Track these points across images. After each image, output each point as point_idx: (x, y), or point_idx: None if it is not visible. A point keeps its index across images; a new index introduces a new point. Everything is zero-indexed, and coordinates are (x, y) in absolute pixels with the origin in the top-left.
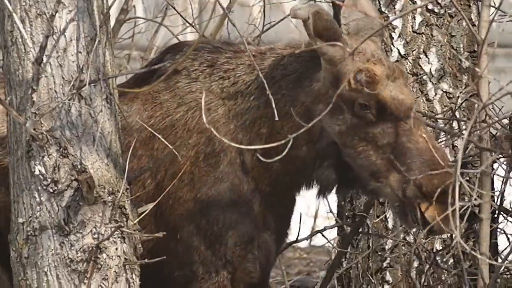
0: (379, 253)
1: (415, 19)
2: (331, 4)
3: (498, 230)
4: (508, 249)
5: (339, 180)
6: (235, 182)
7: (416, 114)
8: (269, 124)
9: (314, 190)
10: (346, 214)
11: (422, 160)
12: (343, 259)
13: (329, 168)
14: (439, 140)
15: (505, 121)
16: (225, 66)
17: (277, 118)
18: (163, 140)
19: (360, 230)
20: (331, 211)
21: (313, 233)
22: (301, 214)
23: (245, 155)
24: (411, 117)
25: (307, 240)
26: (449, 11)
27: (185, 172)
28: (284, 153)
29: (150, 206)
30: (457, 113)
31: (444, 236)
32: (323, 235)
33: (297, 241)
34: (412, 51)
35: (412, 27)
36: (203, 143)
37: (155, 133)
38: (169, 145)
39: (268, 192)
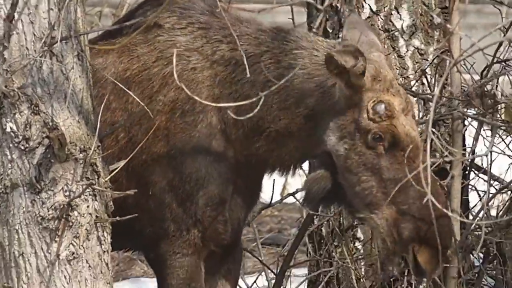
0: None
1: None
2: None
3: (470, 186)
4: (479, 206)
5: (329, 193)
6: (212, 145)
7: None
8: (262, 107)
9: None
10: None
11: (425, 204)
12: (315, 217)
13: (324, 180)
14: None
15: (476, 77)
16: (223, 31)
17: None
18: (132, 95)
19: None
20: (302, 169)
21: (285, 196)
22: None
23: (229, 125)
24: (420, 153)
25: (280, 203)
26: None
27: (159, 128)
28: (256, 111)
29: (121, 163)
30: (428, 70)
31: None
32: (294, 198)
33: (270, 205)
34: (384, 7)
35: None
36: (182, 100)
37: (125, 88)
38: (140, 101)
39: (244, 163)
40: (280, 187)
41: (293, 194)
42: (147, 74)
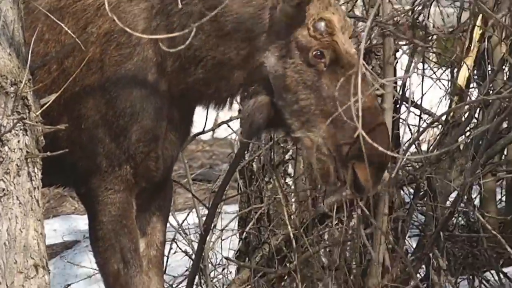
0: (282, 145)
1: None
2: None
3: (400, 120)
4: (410, 140)
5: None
6: (148, 79)
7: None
8: (200, 35)
9: None
10: None
11: (363, 121)
12: (246, 152)
13: (266, 107)
14: None
15: (408, 7)
16: None
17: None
18: (64, 27)
19: None
20: (236, 101)
21: (218, 124)
22: None
23: (165, 57)
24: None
25: (212, 131)
26: None
27: (94, 60)
28: (188, 42)
29: (53, 96)
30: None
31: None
32: (228, 126)
33: (203, 132)
34: None
35: None
36: (117, 32)
37: (56, 20)
38: (71, 33)
39: (179, 97)
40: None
41: (227, 122)
42: (82, 4)
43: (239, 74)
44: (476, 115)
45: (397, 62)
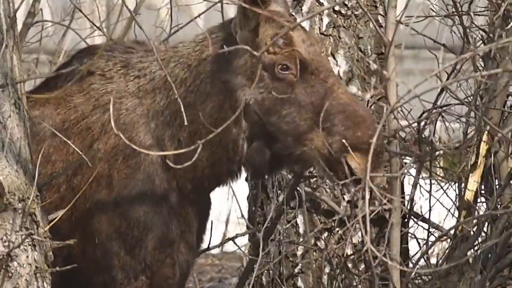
0: (291, 259)
1: (322, 21)
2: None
3: (409, 234)
4: (419, 254)
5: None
6: (157, 182)
7: (335, 75)
8: (191, 111)
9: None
10: (257, 220)
11: (345, 115)
12: (255, 266)
13: (261, 149)
14: None
15: (414, 124)
16: (139, 64)
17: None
18: (72, 145)
19: (271, 236)
20: (242, 217)
21: (225, 241)
22: (212, 221)
23: (167, 147)
24: (331, 75)
25: (219, 247)
26: (356, 13)
27: (102, 175)
28: (194, 158)
29: (61, 212)
30: None
31: (355, 241)
32: (234, 243)
33: (208, 248)
34: None
35: (320, 29)
36: (122, 144)
37: (64, 138)
38: (78, 151)
39: (191, 189)
40: (220, 235)
41: (233, 238)
42: (86, 123)
43: (237, 128)
44: (485, 229)
45: (404, 177)
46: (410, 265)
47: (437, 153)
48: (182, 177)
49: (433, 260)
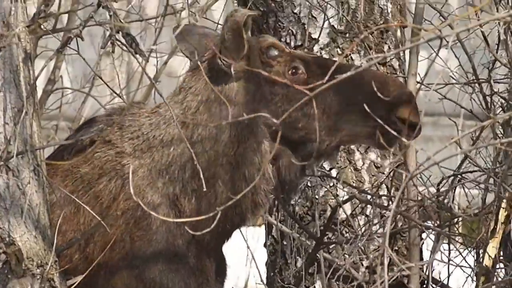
0: None
1: None
2: None
3: None
4: None
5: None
6: (170, 240)
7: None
8: (203, 158)
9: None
10: (276, 285)
11: (372, 86)
12: None
13: (289, 164)
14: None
15: (433, 190)
16: (131, 127)
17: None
18: (89, 210)
19: None
20: (261, 282)
21: None
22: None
23: (180, 202)
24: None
25: None
26: None
27: (116, 241)
28: (213, 225)
29: (79, 278)
30: (386, 182)
31: None
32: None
33: None
34: None
35: None
36: (132, 208)
37: (82, 203)
38: (96, 215)
39: (210, 239)
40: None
41: None
42: (93, 192)
43: (258, 158)
44: None
45: (423, 243)
46: None
47: (456, 219)
48: (198, 227)
49: None
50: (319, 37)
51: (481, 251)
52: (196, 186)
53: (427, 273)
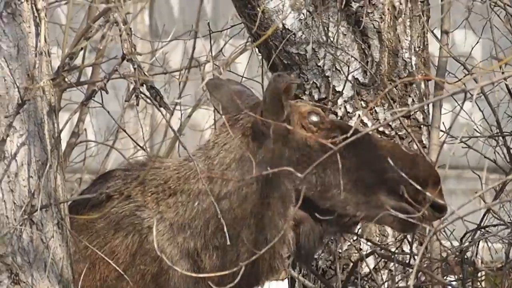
0: None
1: None
2: None
3: None
4: None
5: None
6: None
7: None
8: (229, 215)
9: None
10: None
11: (400, 160)
12: None
13: (309, 233)
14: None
15: (456, 243)
16: (155, 181)
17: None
18: (111, 262)
19: None
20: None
21: None
22: None
23: (201, 258)
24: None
25: None
26: (399, 133)
27: None
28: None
29: None
30: (408, 237)
31: None
32: None
33: None
34: None
35: None
36: (149, 264)
37: (102, 255)
38: (118, 268)
39: None
40: None
41: None
42: (109, 247)
43: (281, 223)
44: None
45: None
46: None
47: (479, 274)
48: (221, 282)
49: None
50: (343, 90)
51: None
52: (218, 243)
53: None
